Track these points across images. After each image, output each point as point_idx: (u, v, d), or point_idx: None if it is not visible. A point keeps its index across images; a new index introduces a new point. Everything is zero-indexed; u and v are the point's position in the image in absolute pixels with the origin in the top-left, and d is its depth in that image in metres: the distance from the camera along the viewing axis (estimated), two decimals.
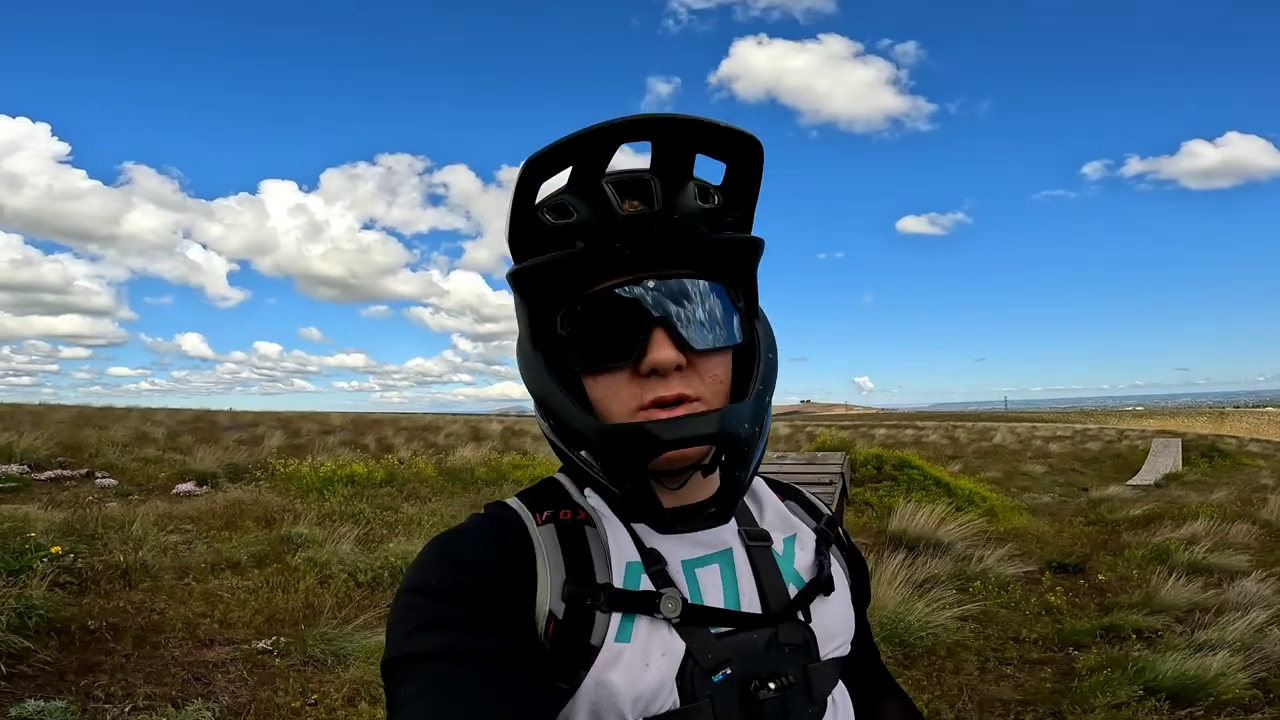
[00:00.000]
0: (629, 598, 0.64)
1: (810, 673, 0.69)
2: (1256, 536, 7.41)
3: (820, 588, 0.73)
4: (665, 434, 0.61)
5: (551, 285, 0.66)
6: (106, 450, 10.07)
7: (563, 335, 0.67)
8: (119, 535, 5.29)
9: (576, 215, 0.63)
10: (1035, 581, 5.93)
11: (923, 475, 10.46)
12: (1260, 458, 23.19)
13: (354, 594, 4.65)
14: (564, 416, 0.66)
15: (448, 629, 0.60)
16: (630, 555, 0.67)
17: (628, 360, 0.64)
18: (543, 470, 10.48)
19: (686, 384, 0.64)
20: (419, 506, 7.68)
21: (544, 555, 0.66)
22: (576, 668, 0.62)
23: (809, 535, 0.78)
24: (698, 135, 0.63)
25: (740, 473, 0.66)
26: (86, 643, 3.51)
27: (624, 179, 0.64)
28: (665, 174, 0.64)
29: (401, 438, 15.71)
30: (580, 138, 0.61)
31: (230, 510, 6.80)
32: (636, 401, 0.64)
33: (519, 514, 0.70)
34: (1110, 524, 9.13)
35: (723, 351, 0.67)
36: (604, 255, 0.63)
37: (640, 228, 0.62)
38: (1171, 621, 4.64)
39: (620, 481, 0.64)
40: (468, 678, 0.57)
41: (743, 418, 0.63)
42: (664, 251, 0.64)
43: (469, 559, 0.65)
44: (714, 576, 0.69)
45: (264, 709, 3.08)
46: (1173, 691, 3.34)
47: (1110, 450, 25.14)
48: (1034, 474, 17.95)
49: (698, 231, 0.64)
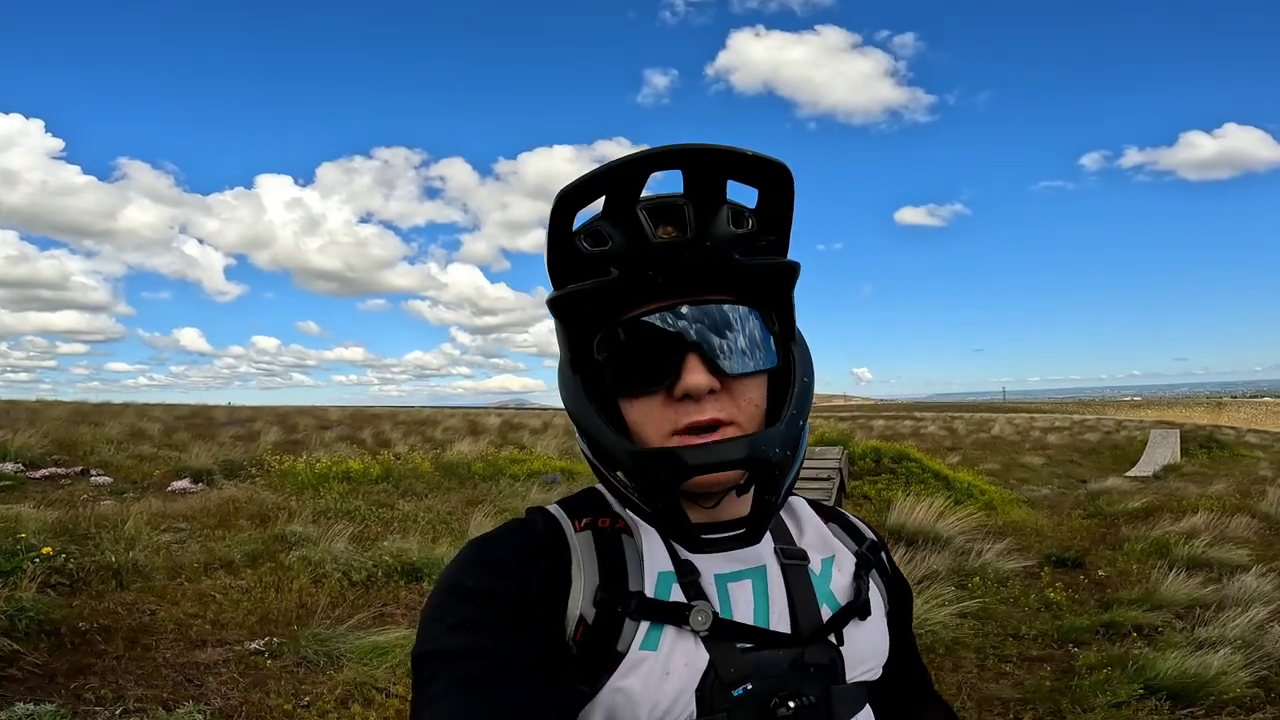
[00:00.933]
0: (659, 607, 0.66)
1: (833, 695, 0.69)
2: (1256, 530, 7.40)
3: (856, 611, 0.73)
4: (694, 459, 0.62)
5: (588, 311, 0.67)
6: (102, 447, 10.02)
7: (599, 360, 0.69)
8: (111, 535, 5.25)
9: (611, 243, 0.64)
10: (1034, 576, 5.91)
11: (921, 468, 10.45)
12: (1258, 449, 23.25)
13: (348, 593, 4.61)
14: (599, 439, 0.68)
15: (477, 631, 0.62)
16: (664, 565, 0.69)
17: (661, 385, 0.65)
18: (539, 465, 10.46)
19: (720, 408, 0.65)
20: (415, 503, 7.64)
21: (579, 561, 0.68)
22: (600, 672, 0.64)
23: (848, 558, 0.78)
24: (728, 164, 0.63)
25: (771, 496, 0.66)
26: (77, 645, 3.47)
27: (658, 205, 0.65)
28: (698, 200, 0.64)
29: (399, 432, 15.67)
30: (610, 170, 0.62)
31: (224, 508, 6.76)
32: (671, 425, 0.66)
33: (558, 520, 0.73)
34: (1109, 517, 9.11)
35: (757, 375, 0.68)
36: (638, 283, 0.64)
37: (673, 255, 0.63)
38: (1171, 618, 4.61)
39: (652, 503, 0.66)
40: (492, 681, 0.59)
41: (774, 442, 0.64)
42: (697, 278, 0.65)
43: (504, 563, 0.68)
44: (746, 592, 0.70)
45: (256, 711, 3.04)
46: (1173, 690, 3.31)
47: (1108, 441, 25.18)
48: (1032, 466, 17.98)
49: (730, 257, 0.64)
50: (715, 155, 0.62)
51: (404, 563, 5.04)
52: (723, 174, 0.64)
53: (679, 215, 0.64)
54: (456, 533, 6.30)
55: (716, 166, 0.63)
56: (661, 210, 0.64)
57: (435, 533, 6.22)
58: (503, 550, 0.69)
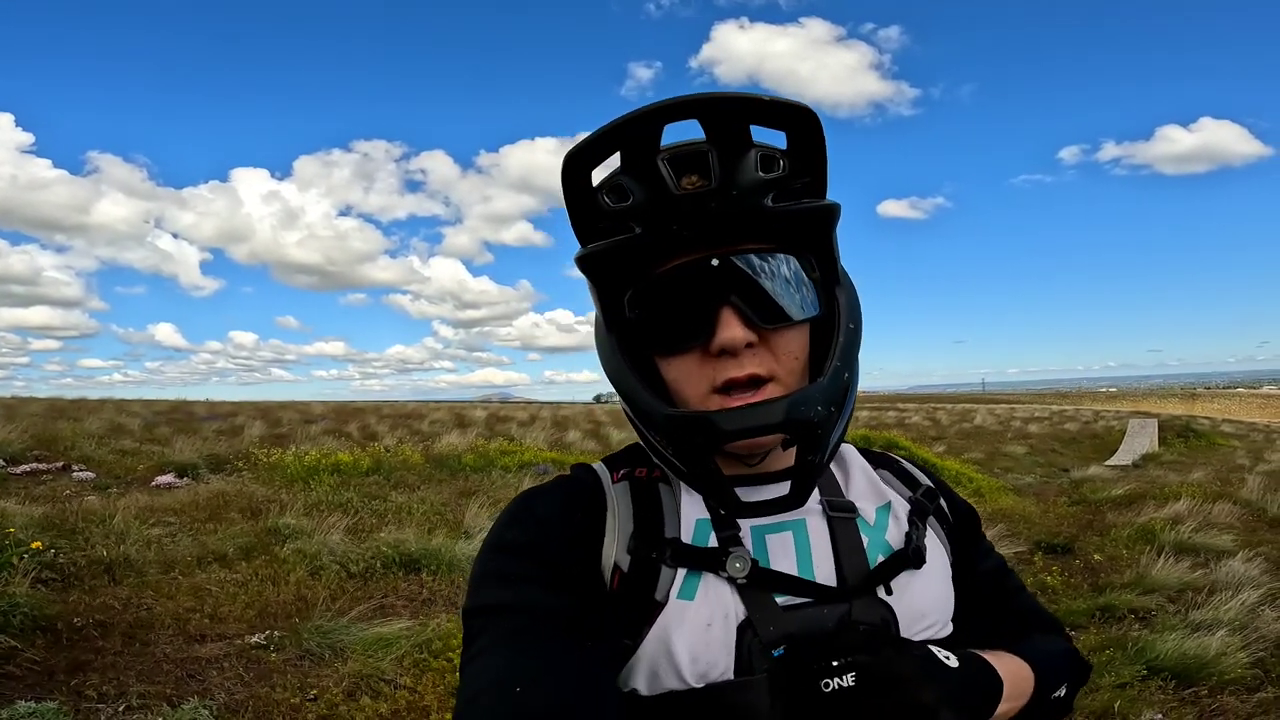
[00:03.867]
0: (694, 553, 0.64)
1: None
2: (1239, 516, 7.53)
3: (907, 562, 0.68)
4: (729, 424, 0.59)
5: (616, 269, 0.64)
6: (82, 443, 9.81)
7: (631, 318, 0.66)
8: (100, 530, 5.15)
9: (633, 198, 0.61)
10: (1027, 562, 5.98)
11: (910, 456, 10.54)
12: (1234, 438, 23.72)
13: (346, 585, 4.56)
14: (635, 400, 0.65)
15: (520, 584, 0.62)
16: (700, 513, 0.67)
17: (697, 341, 0.63)
18: (530, 456, 10.41)
19: (759, 362, 0.62)
20: (408, 495, 7.57)
21: (614, 509, 0.68)
22: (640, 623, 0.62)
23: (904, 506, 0.74)
24: (748, 110, 0.59)
25: (813, 457, 0.62)
26: (74, 641, 3.40)
27: (680, 154, 0.61)
28: (723, 145, 0.60)
29: (385, 425, 15.50)
30: (621, 125, 0.59)
31: (214, 502, 6.65)
32: (709, 383, 0.63)
33: (598, 473, 0.73)
34: (1094, 504, 9.25)
35: (798, 326, 0.65)
36: (663, 237, 0.61)
37: (697, 207, 0.59)
38: (1164, 601, 4.69)
39: (690, 466, 0.63)
40: (536, 633, 0.59)
41: (814, 401, 0.60)
42: (725, 227, 0.61)
43: (544, 515, 0.67)
44: (786, 544, 0.67)
45: (262, 705, 2.99)
46: (1175, 671, 3.37)
47: (1088, 431, 25.54)
48: (1015, 455, 18.17)
49: (759, 204, 0.60)
50: (733, 102, 0.58)
51: (402, 554, 4.99)
52: (744, 119, 0.60)
53: (703, 163, 0.60)
54: (452, 524, 6.26)
55: (736, 114, 0.59)
56: (684, 159, 0.61)
57: (431, 524, 6.17)
58: (545, 504, 0.69)
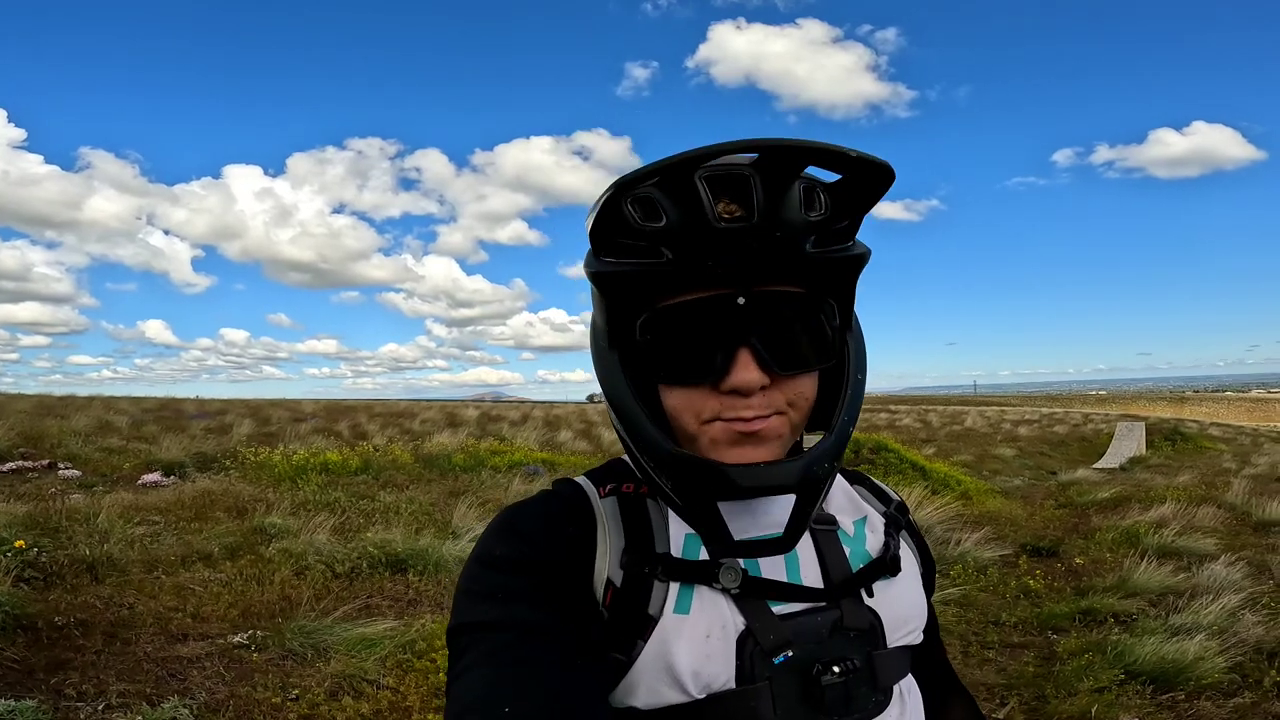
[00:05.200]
0: (686, 567, 0.64)
1: (875, 660, 0.67)
2: (1223, 520, 7.59)
3: (885, 567, 0.71)
4: (744, 481, 0.59)
5: (634, 291, 0.62)
6: (69, 440, 9.76)
7: (640, 341, 0.63)
8: (84, 528, 5.13)
9: (666, 219, 0.57)
10: (1012, 565, 6.02)
11: (899, 459, 10.59)
12: (1221, 441, 23.91)
13: (331, 585, 4.54)
14: (638, 428, 0.64)
15: (508, 601, 0.61)
16: (688, 528, 0.67)
17: (708, 379, 0.61)
18: (521, 456, 10.41)
19: (768, 404, 0.62)
20: (396, 494, 7.56)
21: (604, 525, 0.67)
22: (634, 638, 0.62)
23: (878, 518, 0.76)
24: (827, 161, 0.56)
25: (810, 507, 0.62)
26: (54, 639, 3.38)
27: (720, 174, 0.57)
28: (769, 175, 0.56)
29: (376, 424, 15.46)
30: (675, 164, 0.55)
31: (199, 501, 6.63)
32: (713, 414, 0.62)
33: (583, 488, 0.72)
34: (1080, 507, 9.30)
35: (812, 371, 0.64)
36: (693, 270, 0.58)
37: (737, 244, 0.56)
38: (1146, 605, 4.72)
39: (688, 504, 0.63)
40: (524, 651, 0.58)
41: (824, 459, 0.61)
42: (760, 267, 0.58)
43: (531, 531, 0.67)
44: (774, 556, 0.68)
45: (243, 705, 2.99)
46: (1153, 675, 3.39)
47: (1076, 434, 25.71)
48: (1004, 457, 18.28)
49: (800, 247, 0.58)
50: (804, 154, 0.55)
51: (388, 554, 4.98)
52: (805, 162, 0.56)
53: (744, 189, 0.56)
54: (439, 524, 6.25)
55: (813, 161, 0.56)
56: (724, 181, 0.57)
57: (419, 524, 6.16)
58: (531, 518, 0.68)
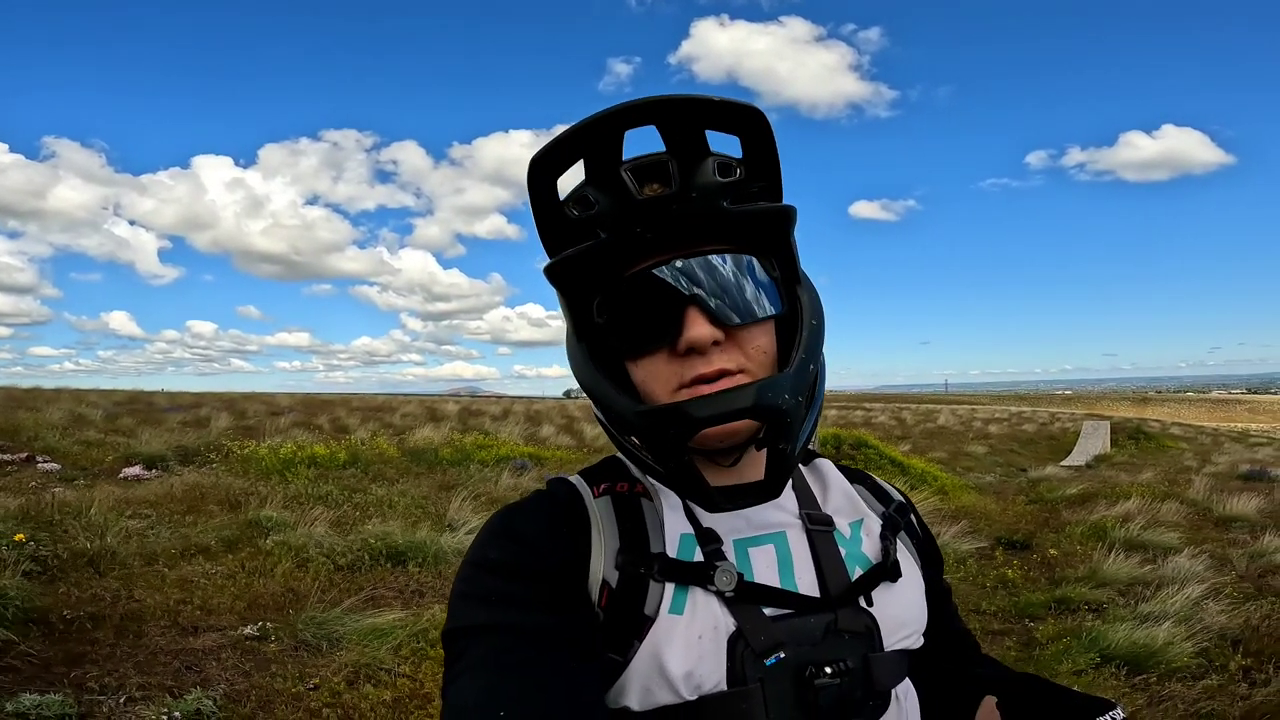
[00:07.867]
0: (682, 568, 0.65)
1: (871, 662, 0.66)
2: (1185, 515, 7.94)
3: (884, 574, 0.71)
4: (700, 411, 0.59)
5: (583, 276, 0.66)
6: (45, 433, 9.61)
7: (600, 323, 0.68)
8: (78, 522, 5.12)
9: (598, 206, 0.64)
10: (989, 557, 6.27)
11: (879, 455, 10.85)
12: (1183, 440, 24.74)
13: (335, 577, 4.61)
14: (609, 403, 0.66)
15: (502, 604, 0.62)
16: (684, 527, 0.68)
17: (664, 341, 0.64)
18: (506, 451, 10.47)
19: (728, 359, 0.64)
20: (387, 488, 7.60)
21: (599, 525, 0.68)
22: (630, 638, 0.63)
23: (875, 521, 0.76)
24: (699, 113, 0.62)
25: (784, 445, 0.62)
26: (68, 633, 3.42)
27: (642, 164, 0.64)
28: (682, 154, 0.63)
29: (356, 418, 15.39)
30: (581, 129, 0.61)
31: (190, 494, 6.63)
32: (678, 380, 0.64)
33: (577, 488, 0.73)
34: (1050, 502, 9.63)
35: (763, 323, 0.66)
36: (627, 242, 0.63)
37: (660, 210, 0.62)
38: (1115, 595, 4.98)
39: (665, 462, 0.63)
40: (520, 653, 0.59)
41: (782, 389, 0.60)
42: (687, 230, 0.63)
43: (527, 533, 0.67)
44: (768, 556, 0.69)
45: (264, 695, 3.06)
46: (1126, 659, 3.62)
47: (1044, 432, 26.40)
48: (976, 454, 18.75)
49: (718, 207, 0.63)
50: (685, 105, 0.61)
51: (388, 546, 5.05)
52: (698, 124, 0.63)
53: (664, 171, 0.63)
54: (434, 517, 6.33)
55: (689, 117, 0.62)
56: (646, 169, 0.64)
57: (414, 517, 6.23)
58: (526, 520, 0.69)
